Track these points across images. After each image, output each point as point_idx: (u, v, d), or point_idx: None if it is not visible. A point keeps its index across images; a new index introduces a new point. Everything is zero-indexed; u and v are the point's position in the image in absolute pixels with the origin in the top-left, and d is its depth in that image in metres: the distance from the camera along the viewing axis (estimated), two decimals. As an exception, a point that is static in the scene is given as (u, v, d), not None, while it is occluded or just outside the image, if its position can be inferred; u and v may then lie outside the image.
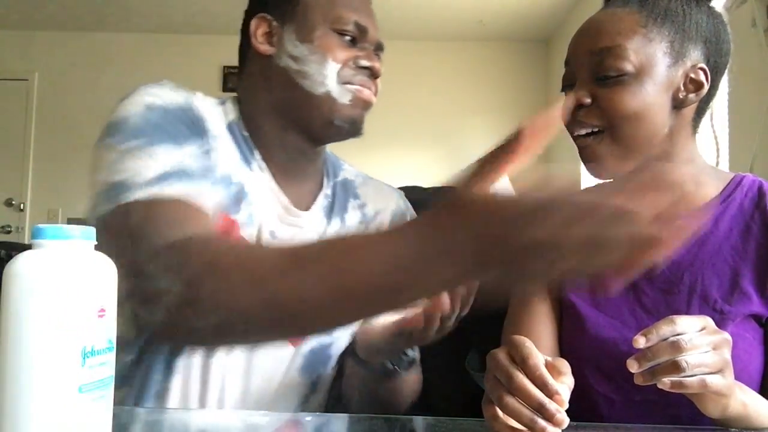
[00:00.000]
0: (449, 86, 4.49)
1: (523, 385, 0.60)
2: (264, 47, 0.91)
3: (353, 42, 0.91)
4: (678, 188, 0.54)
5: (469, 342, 1.09)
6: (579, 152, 0.88)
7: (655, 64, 0.83)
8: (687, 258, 0.83)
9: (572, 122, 0.86)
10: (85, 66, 4.42)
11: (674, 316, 0.65)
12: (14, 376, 0.48)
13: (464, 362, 1.09)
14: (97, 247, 0.52)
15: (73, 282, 0.50)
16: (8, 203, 4.42)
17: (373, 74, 0.92)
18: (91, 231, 0.53)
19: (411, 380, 0.95)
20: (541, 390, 0.59)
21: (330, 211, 0.95)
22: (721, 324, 0.73)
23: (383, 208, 1.02)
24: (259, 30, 0.91)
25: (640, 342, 0.63)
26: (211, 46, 4.42)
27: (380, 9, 0.95)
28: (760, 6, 1.84)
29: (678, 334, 0.63)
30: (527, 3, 3.86)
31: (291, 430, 0.76)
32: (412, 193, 1.28)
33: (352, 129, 0.92)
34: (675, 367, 0.62)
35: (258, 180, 0.89)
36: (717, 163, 0.98)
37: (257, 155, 0.91)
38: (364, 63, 0.90)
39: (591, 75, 0.85)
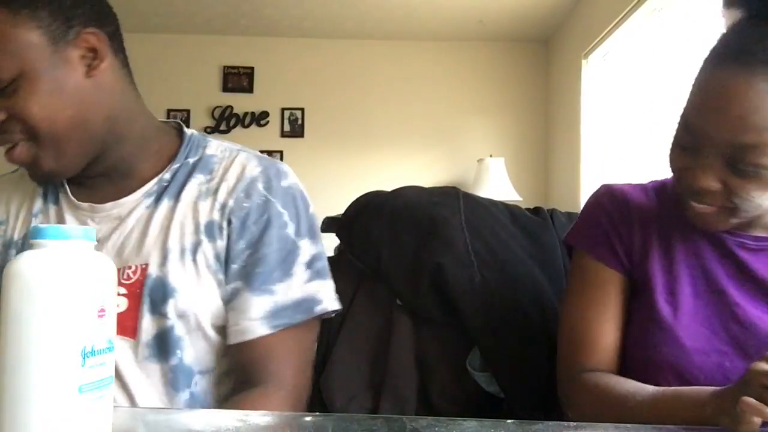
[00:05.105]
0: (449, 86, 4.48)
1: None
2: None
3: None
4: None
5: (469, 342, 1.09)
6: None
7: None
8: None
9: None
10: (85, 66, 4.42)
11: None
12: (14, 376, 0.48)
13: (465, 362, 1.09)
14: None
15: (73, 282, 0.50)
16: (8, 203, 4.41)
17: None
18: (92, 231, 0.53)
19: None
20: None
21: (161, 194, 0.95)
22: None
23: (230, 177, 0.96)
24: None
25: None
26: (211, 46, 4.43)
27: (381, 9, 0.95)
28: (760, 6, 1.84)
29: None
30: (527, 3, 3.85)
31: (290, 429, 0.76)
32: (412, 192, 1.28)
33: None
34: None
35: (58, 202, 0.98)
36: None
37: (64, 181, 0.98)
38: None
39: (724, 161, 0.76)
